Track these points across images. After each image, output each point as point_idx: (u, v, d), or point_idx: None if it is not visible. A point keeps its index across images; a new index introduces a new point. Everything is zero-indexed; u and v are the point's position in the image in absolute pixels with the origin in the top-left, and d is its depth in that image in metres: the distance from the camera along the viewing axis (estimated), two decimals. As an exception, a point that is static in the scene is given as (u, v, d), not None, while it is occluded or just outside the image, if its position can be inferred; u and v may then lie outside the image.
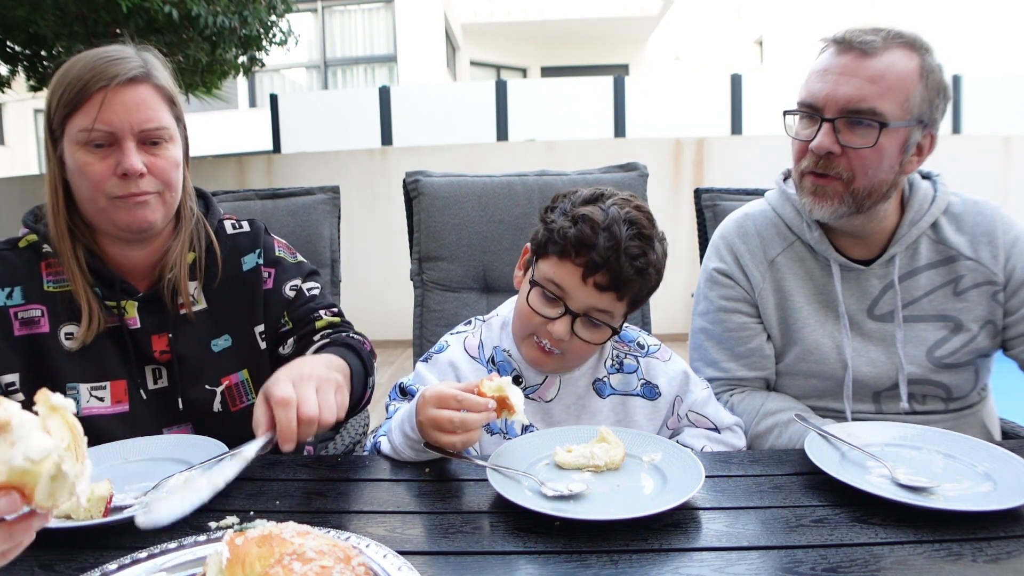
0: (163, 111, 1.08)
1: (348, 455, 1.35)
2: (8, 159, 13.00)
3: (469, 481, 0.95)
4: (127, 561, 0.70)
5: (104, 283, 1.12)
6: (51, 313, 1.10)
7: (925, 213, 1.22)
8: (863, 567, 0.71)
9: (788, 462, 0.99)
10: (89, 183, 1.04)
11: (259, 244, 1.25)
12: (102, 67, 1.02)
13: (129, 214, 1.06)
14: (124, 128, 1.03)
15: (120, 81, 1.02)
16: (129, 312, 1.12)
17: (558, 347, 1.11)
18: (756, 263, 1.30)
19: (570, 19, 11.98)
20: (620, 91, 6.34)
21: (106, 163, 1.03)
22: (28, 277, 1.10)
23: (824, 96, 1.12)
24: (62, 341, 1.09)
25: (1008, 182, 5.32)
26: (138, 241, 1.14)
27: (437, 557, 0.75)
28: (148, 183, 1.06)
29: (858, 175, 1.12)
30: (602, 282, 1.06)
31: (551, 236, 1.10)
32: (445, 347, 1.24)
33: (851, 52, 1.11)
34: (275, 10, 4.86)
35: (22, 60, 4.79)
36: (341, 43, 10.50)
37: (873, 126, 1.09)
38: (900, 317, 1.22)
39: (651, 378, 1.21)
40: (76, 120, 1.03)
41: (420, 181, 1.75)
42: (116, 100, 1.02)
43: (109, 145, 1.03)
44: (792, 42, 13.91)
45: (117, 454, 1.02)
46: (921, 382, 1.23)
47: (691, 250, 1.70)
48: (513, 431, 1.16)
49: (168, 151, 1.09)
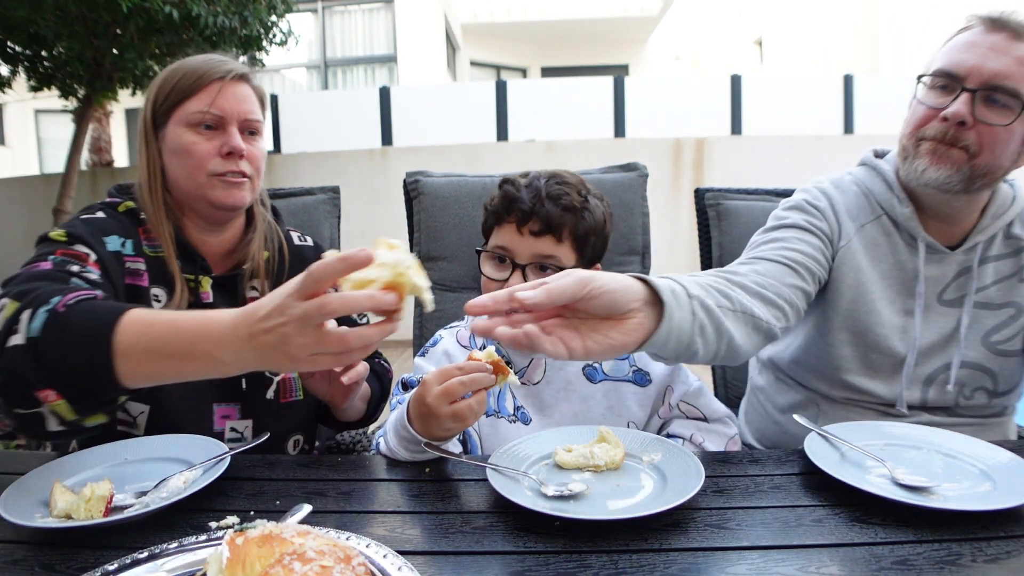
0: (259, 109, 1.24)
1: (348, 455, 1.35)
2: (8, 159, 13.00)
3: (469, 481, 0.95)
4: (127, 561, 0.70)
5: (186, 258, 1.20)
6: (148, 270, 1.17)
7: (1007, 210, 1.24)
8: (863, 567, 0.71)
9: (788, 462, 0.99)
10: (194, 160, 1.16)
11: None
12: (217, 63, 1.19)
13: (226, 191, 1.17)
14: (232, 115, 1.17)
15: (233, 75, 1.18)
16: (204, 287, 1.20)
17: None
18: (850, 219, 1.27)
19: (570, 19, 11.99)
20: (620, 91, 6.34)
21: (212, 143, 1.16)
22: (133, 234, 1.18)
23: (970, 67, 1.10)
24: (152, 301, 1.17)
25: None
26: (221, 223, 1.24)
27: (437, 557, 0.75)
28: (245, 166, 1.18)
29: (984, 151, 1.11)
30: (535, 228, 1.15)
31: (487, 212, 1.23)
32: (439, 339, 1.29)
33: (1004, 31, 1.10)
34: (275, 10, 4.86)
35: (22, 60, 4.79)
36: (341, 43, 10.50)
37: (1011, 107, 1.09)
38: (971, 303, 1.23)
39: (642, 365, 1.23)
40: (189, 104, 1.16)
41: (420, 181, 1.75)
42: (228, 91, 1.17)
43: (216, 128, 1.17)
44: (792, 42, 13.92)
45: (117, 454, 1.02)
46: (973, 367, 1.23)
47: (691, 250, 1.70)
48: (506, 410, 1.17)
49: (260, 143, 1.23)
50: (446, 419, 0.94)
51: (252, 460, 1.04)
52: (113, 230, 1.15)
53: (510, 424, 1.16)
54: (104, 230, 1.14)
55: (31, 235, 2.78)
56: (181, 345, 0.78)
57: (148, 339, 0.79)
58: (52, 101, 5.62)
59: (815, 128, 6.19)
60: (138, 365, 0.79)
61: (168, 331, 0.79)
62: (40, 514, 0.84)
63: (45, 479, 0.91)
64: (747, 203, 1.69)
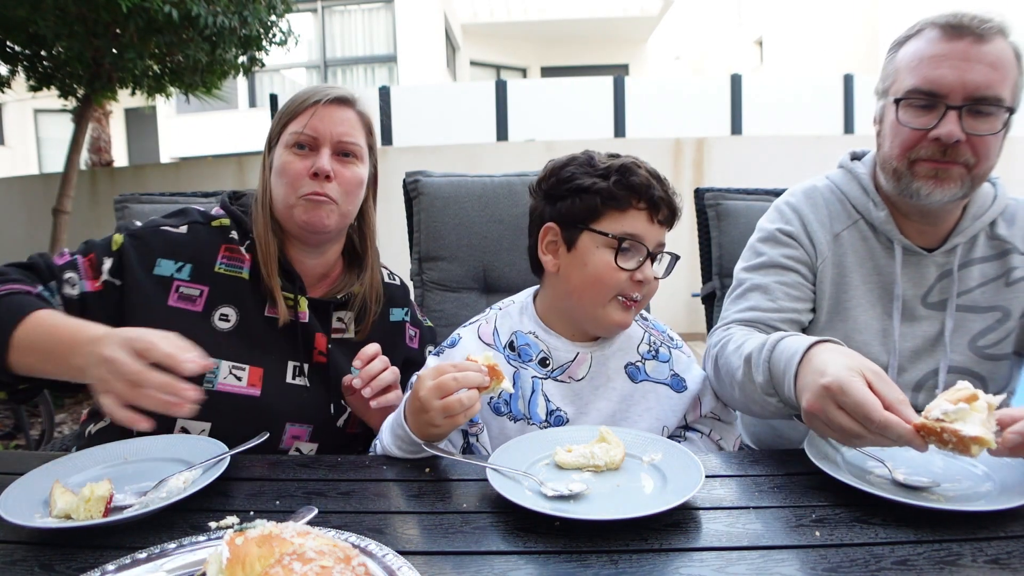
0: (359, 133, 1.24)
1: (348, 455, 1.35)
2: (8, 159, 13.00)
3: (469, 481, 0.95)
4: (127, 561, 0.70)
5: (286, 277, 1.22)
6: (211, 294, 1.18)
7: (987, 210, 1.23)
8: (863, 567, 0.71)
9: (788, 462, 0.99)
10: (287, 179, 1.19)
11: (408, 304, 1.40)
12: (321, 88, 1.22)
13: (309, 212, 1.18)
14: (325, 136, 1.19)
15: (331, 98, 1.20)
16: (302, 306, 1.22)
17: (641, 291, 1.15)
18: (823, 232, 1.28)
19: (570, 19, 11.99)
20: (620, 91, 6.34)
21: (304, 164, 1.18)
22: (205, 255, 1.20)
23: (950, 83, 1.09)
24: (214, 322, 1.18)
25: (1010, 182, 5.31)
26: (313, 245, 1.25)
27: (437, 557, 0.75)
28: (332, 189, 1.19)
29: (981, 160, 1.12)
30: (662, 218, 1.16)
31: (601, 197, 1.13)
32: (457, 340, 1.24)
33: (967, 37, 1.09)
34: (275, 10, 4.86)
35: (22, 60, 4.79)
36: (341, 43, 10.51)
37: (996, 113, 1.09)
38: (953, 306, 1.22)
39: (680, 371, 1.23)
40: (292, 125, 1.20)
41: (420, 181, 1.75)
42: (324, 112, 1.19)
43: (311, 150, 1.19)
44: (792, 42, 13.92)
45: (117, 454, 1.02)
46: (961, 372, 1.23)
47: (691, 250, 1.70)
48: (538, 417, 1.16)
49: (356, 167, 1.23)
50: (437, 414, 0.94)
51: (252, 460, 1.03)
52: (177, 252, 1.18)
53: (541, 431, 1.12)
54: (167, 251, 1.18)
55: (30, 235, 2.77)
56: (51, 346, 0.95)
57: (33, 338, 0.96)
58: (51, 101, 5.61)
59: (815, 128, 6.19)
60: (22, 357, 0.97)
61: (49, 333, 0.96)
62: (40, 514, 0.84)
63: (45, 479, 0.91)
64: (747, 203, 1.69)
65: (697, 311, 5.02)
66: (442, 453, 0.98)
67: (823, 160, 1.38)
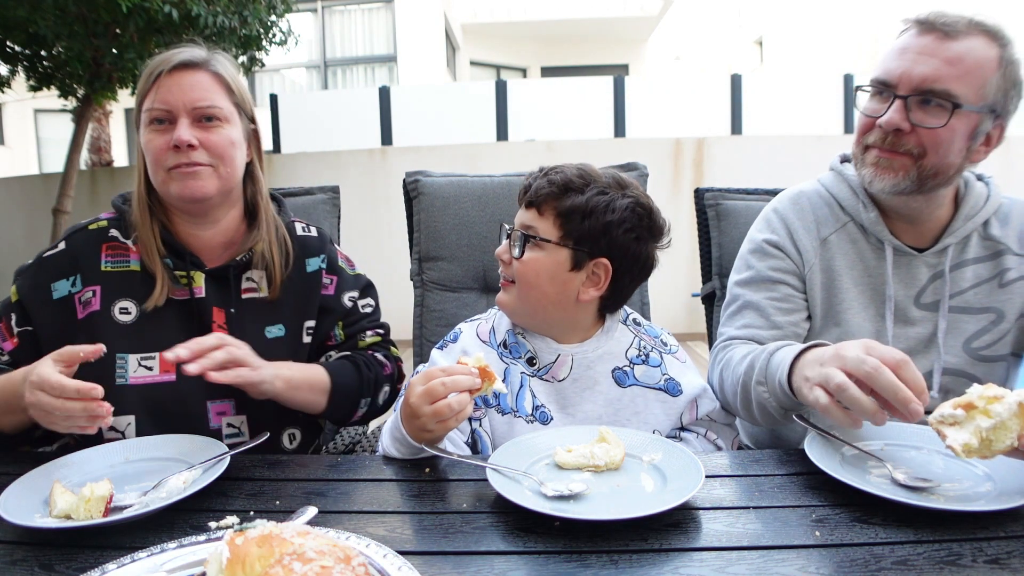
0: (218, 94, 1.19)
1: (348, 455, 1.35)
2: (8, 159, 12.99)
3: (469, 481, 0.95)
4: (127, 561, 0.70)
5: (176, 255, 1.21)
6: (104, 292, 1.19)
7: (980, 210, 1.23)
8: (863, 567, 0.71)
9: (788, 462, 0.99)
10: (152, 157, 1.17)
11: (324, 251, 1.35)
12: (164, 56, 1.17)
13: (181, 184, 1.16)
14: (178, 106, 1.15)
15: (173, 65, 1.16)
16: (196, 282, 1.21)
17: (507, 272, 1.20)
18: (809, 239, 1.29)
19: (570, 19, 11.97)
20: (620, 91, 6.34)
21: (164, 138, 1.15)
22: (88, 260, 1.21)
23: (899, 74, 1.12)
24: (115, 316, 1.18)
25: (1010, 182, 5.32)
26: (199, 216, 1.23)
27: (437, 557, 0.75)
28: (200, 155, 1.16)
29: (929, 152, 1.12)
30: (525, 199, 1.19)
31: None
32: (459, 334, 1.27)
33: (933, 33, 1.11)
34: (275, 10, 4.87)
35: (22, 60, 4.79)
36: (341, 43, 10.50)
37: (945, 107, 1.09)
38: (946, 307, 1.22)
39: (674, 375, 1.23)
40: (145, 102, 1.17)
41: (420, 181, 1.75)
42: (172, 81, 1.15)
43: (169, 123, 1.16)
44: (792, 42, 13.92)
45: (117, 454, 1.02)
46: (956, 373, 1.23)
47: (691, 250, 1.70)
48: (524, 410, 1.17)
49: (223, 129, 1.19)
50: (427, 419, 0.94)
51: (252, 460, 1.04)
52: (64, 270, 1.20)
53: (527, 424, 1.15)
54: (55, 273, 1.20)
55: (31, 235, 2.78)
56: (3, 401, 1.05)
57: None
58: (51, 101, 5.62)
59: (815, 128, 6.19)
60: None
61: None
62: (40, 514, 0.84)
63: (45, 479, 0.91)
64: (747, 203, 1.69)
65: (697, 311, 5.03)
66: (442, 453, 0.98)
67: (823, 160, 1.38)
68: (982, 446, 0.81)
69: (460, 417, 0.96)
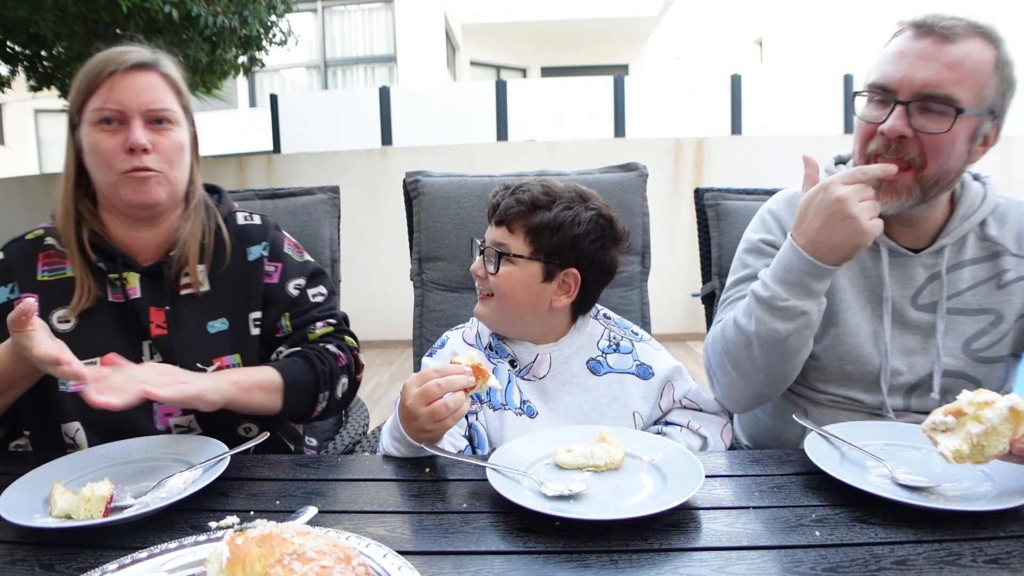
0: (169, 97, 1.18)
1: (348, 455, 1.35)
2: (8, 159, 12.99)
3: (469, 481, 0.95)
4: (127, 561, 0.70)
5: (107, 258, 1.19)
6: (42, 301, 1.16)
7: (976, 210, 1.22)
8: (863, 567, 0.71)
9: (788, 462, 0.99)
10: (101, 159, 1.13)
11: (267, 238, 1.32)
12: (114, 56, 1.15)
13: (135, 190, 1.14)
14: (132, 107, 1.13)
15: (128, 65, 1.14)
16: (131, 283, 1.19)
17: (484, 286, 1.24)
18: None
19: (570, 19, 11.97)
20: (620, 91, 6.34)
21: (116, 139, 1.13)
22: (24, 269, 1.19)
23: (899, 79, 1.10)
24: (54, 325, 1.16)
25: (1009, 182, 5.33)
26: (145, 220, 1.21)
27: (437, 557, 0.75)
28: (152, 160, 1.14)
29: (930, 160, 1.11)
30: (495, 217, 1.22)
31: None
32: (446, 340, 1.31)
33: (930, 36, 1.09)
34: (275, 10, 4.86)
35: (22, 60, 4.79)
36: (341, 43, 10.50)
37: (948, 112, 1.08)
38: (943, 308, 1.22)
39: (645, 360, 1.27)
40: (91, 102, 1.13)
41: (420, 181, 1.75)
42: (125, 82, 1.13)
43: (120, 123, 1.13)
44: (792, 42, 13.91)
45: (117, 454, 1.02)
46: (956, 375, 1.22)
47: (691, 250, 1.70)
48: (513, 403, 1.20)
49: (173, 132, 1.18)
50: (424, 420, 0.95)
51: (252, 460, 1.04)
52: (1, 278, 1.19)
53: (516, 416, 1.19)
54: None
55: (31, 235, 2.66)
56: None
57: None
58: (51, 101, 5.62)
59: (815, 128, 6.19)
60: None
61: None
62: (40, 514, 0.84)
63: (45, 479, 0.91)
64: (747, 203, 1.69)
65: (697, 311, 5.01)
66: (442, 453, 0.98)
67: (823, 160, 1.38)
68: (974, 452, 0.81)
69: (457, 416, 0.96)
